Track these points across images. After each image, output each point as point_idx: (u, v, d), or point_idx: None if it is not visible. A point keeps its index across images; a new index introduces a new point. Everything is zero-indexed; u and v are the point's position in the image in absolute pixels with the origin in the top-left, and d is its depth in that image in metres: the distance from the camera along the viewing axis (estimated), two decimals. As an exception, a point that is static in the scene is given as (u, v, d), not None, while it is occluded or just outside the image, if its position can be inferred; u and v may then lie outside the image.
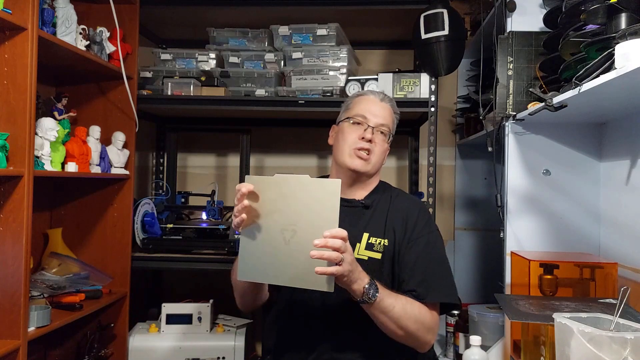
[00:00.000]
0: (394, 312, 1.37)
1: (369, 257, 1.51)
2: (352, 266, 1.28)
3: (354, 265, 1.30)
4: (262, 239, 1.31)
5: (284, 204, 1.30)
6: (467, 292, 2.77)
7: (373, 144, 1.56)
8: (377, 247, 1.52)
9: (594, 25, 1.37)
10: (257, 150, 2.88)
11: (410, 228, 1.53)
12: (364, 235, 1.54)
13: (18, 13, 1.51)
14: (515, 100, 1.83)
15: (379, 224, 1.55)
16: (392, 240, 1.52)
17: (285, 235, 1.29)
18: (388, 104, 1.64)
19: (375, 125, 1.57)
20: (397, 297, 1.40)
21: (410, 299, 1.43)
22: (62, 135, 1.83)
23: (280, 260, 1.29)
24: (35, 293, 1.85)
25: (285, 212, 1.29)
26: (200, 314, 2.26)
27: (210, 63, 2.45)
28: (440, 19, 2.12)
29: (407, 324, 1.39)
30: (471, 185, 2.89)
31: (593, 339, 1.05)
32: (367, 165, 1.56)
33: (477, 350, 1.79)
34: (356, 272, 1.31)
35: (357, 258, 1.47)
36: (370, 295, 1.32)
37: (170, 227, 2.39)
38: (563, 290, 1.64)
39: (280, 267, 1.30)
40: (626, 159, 1.68)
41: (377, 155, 1.58)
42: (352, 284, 1.31)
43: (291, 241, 1.28)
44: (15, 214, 1.54)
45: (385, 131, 1.59)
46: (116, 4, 2.02)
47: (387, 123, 1.60)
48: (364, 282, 1.32)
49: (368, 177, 1.61)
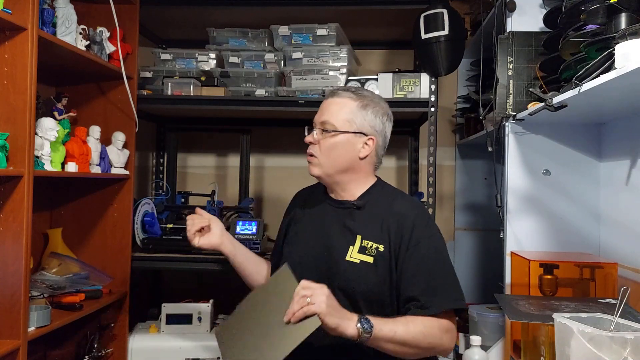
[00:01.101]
0: (398, 337, 1.32)
1: (361, 260, 1.46)
2: (332, 304, 1.27)
3: (334, 305, 1.28)
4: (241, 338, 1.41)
5: (253, 314, 1.41)
6: (467, 292, 2.74)
7: (315, 146, 1.52)
8: (369, 251, 1.46)
9: (594, 25, 1.37)
10: (257, 150, 2.88)
11: (408, 234, 1.45)
12: (357, 238, 1.49)
13: (18, 13, 1.51)
14: (515, 100, 1.83)
15: (374, 228, 1.49)
16: (387, 246, 1.46)
17: (261, 326, 1.36)
18: (337, 97, 1.54)
19: (316, 124, 1.53)
20: (396, 320, 1.35)
21: (411, 317, 1.37)
22: (62, 135, 1.83)
23: (260, 344, 1.33)
24: (35, 293, 1.85)
25: (256, 317, 1.39)
26: (200, 314, 2.26)
27: (210, 63, 2.45)
28: (440, 19, 2.12)
29: (416, 343, 1.34)
30: (471, 185, 2.89)
31: (593, 339, 1.05)
32: (314, 168, 1.53)
33: (477, 350, 1.80)
34: (340, 310, 1.29)
35: (349, 261, 1.47)
36: (364, 329, 1.28)
37: (170, 227, 2.39)
38: (563, 290, 1.64)
39: (263, 349, 1.32)
40: (626, 159, 1.69)
41: (325, 154, 1.51)
42: (341, 324, 1.27)
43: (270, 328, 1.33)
44: (15, 214, 1.54)
45: (327, 127, 1.50)
46: (116, 4, 2.02)
47: (328, 118, 1.51)
48: (354, 319, 1.29)
49: (338, 179, 1.54)
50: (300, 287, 1.28)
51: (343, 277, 1.46)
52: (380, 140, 1.56)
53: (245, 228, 2.27)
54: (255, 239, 2.21)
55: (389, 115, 1.59)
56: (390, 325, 1.32)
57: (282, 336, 1.27)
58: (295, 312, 1.24)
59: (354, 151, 1.52)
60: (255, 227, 2.26)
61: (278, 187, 2.91)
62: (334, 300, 1.29)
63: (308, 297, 1.25)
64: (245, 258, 1.72)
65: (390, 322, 1.33)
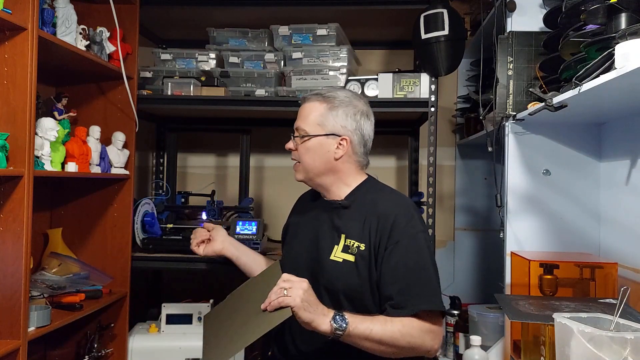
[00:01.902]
0: (374, 334, 1.32)
1: (344, 259, 1.47)
2: (308, 299, 1.29)
3: (310, 301, 1.30)
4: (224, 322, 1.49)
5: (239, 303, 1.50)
6: (467, 292, 2.77)
7: (296, 152, 1.57)
8: (352, 250, 1.47)
9: (594, 25, 1.37)
10: (257, 150, 2.88)
11: (387, 233, 1.44)
12: (342, 237, 1.50)
13: (18, 13, 1.51)
14: (515, 100, 1.83)
15: (357, 227, 1.49)
16: (367, 245, 1.46)
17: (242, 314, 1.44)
18: (306, 103, 1.58)
19: (294, 131, 1.58)
20: (374, 318, 1.35)
21: (388, 317, 1.37)
22: (62, 135, 1.83)
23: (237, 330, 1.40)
24: (35, 293, 1.85)
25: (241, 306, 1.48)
26: (200, 314, 2.26)
27: (210, 63, 2.45)
28: (440, 19, 2.12)
29: (393, 341, 1.34)
30: (471, 185, 2.89)
31: (593, 339, 1.05)
32: (297, 174, 1.59)
33: (477, 350, 1.80)
34: (316, 306, 1.31)
35: (333, 260, 1.48)
36: (338, 325, 1.29)
37: (170, 227, 2.39)
38: (563, 290, 1.64)
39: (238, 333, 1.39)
40: (626, 159, 1.68)
41: (304, 159, 1.55)
42: (316, 319, 1.29)
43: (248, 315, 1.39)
44: (15, 214, 1.54)
45: (300, 132, 1.55)
46: (116, 4, 2.02)
47: (299, 124, 1.56)
48: (329, 315, 1.31)
49: (321, 181, 1.57)
50: (282, 280, 1.32)
51: (327, 276, 1.48)
52: (356, 139, 1.54)
53: (245, 228, 2.27)
54: (255, 238, 2.21)
55: (364, 112, 1.57)
56: (367, 323, 1.33)
57: (255, 323, 1.33)
58: (272, 302, 1.29)
59: (328, 153, 1.53)
60: (255, 227, 2.26)
61: (278, 187, 2.91)
62: (311, 296, 1.31)
63: (285, 290, 1.29)
64: (250, 259, 1.78)
65: (367, 320, 1.34)
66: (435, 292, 1.42)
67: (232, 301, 1.56)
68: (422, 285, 1.41)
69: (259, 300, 1.34)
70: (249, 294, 1.51)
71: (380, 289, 1.44)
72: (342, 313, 1.32)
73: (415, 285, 1.40)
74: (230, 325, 1.45)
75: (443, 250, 2.84)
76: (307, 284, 1.32)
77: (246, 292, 1.53)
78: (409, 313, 1.37)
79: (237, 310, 1.49)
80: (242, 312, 1.45)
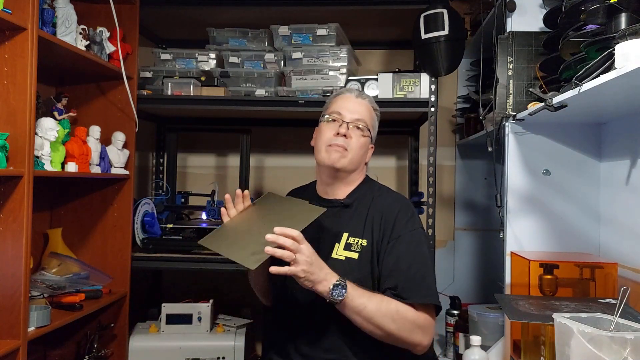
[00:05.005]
0: (367, 312, 1.36)
1: (346, 257, 1.50)
2: (312, 267, 1.31)
3: (315, 267, 1.32)
4: (241, 223, 1.49)
5: (276, 209, 1.51)
6: (467, 292, 2.77)
7: (349, 139, 1.56)
8: (354, 247, 1.50)
9: (594, 25, 1.37)
10: (257, 150, 2.88)
11: (390, 227, 1.50)
12: (344, 235, 1.53)
13: (18, 13, 1.51)
14: (515, 100, 1.83)
15: (359, 224, 1.53)
16: (370, 240, 1.50)
17: (258, 223, 1.45)
18: (365, 100, 1.64)
19: (351, 120, 1.57)
20: (372, 296, 1.39)
21: (387, 298, 1.41)
22: (62, 135, 1.83)
23: (240, 239, 1.42)
24: (35, 293, 1.85)
25: (272, 212, 1.49)
26: (200, 314, 2.26)
27: (210, 63, 2.45)
28: (440, 19, 2.12)
29: (382, 323, 1.37)
30: (471, 185, 2.89)
31: (593, 339, 1.05)
32: (343, 159, 1.55)
33: (477, 350, 1.79)
34: (319, 273, 1.32)
35: (335, 258, 1.49)
36: (335, 295, 1.33)
37: (170, 227, 2.39)
38: (563, 290, 1.64)
39: (235, 243, 1.41)
40: (626, 159, 1.68)
41: (355, 150, 1.56)
42: (316, 285, 1.32)
43: (259, 227, 1.40)
44: (15, 214, 1.54)
45: (361, 126, 1.58)
46: (116, 4, 2.02)
47: (363, 118, 1.59)
48: (329, 283, 1.33)
49: (348, 174, 1.59)
50: (290, 235, 1.30)
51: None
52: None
53: (245, 228, 2.27)
54: (255, 238, 2.21)
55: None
56: (364, 299, 1.37)
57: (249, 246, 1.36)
58: (277, 251, 1.29)
59: (366, 154, 1.63)
60: (255, 227, 2.26)
61: (278, 186, 2.90)
62: (311, 265, 1.32)
63: (295, 254, 1.30)
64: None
65: (365, 296, 1.38)
66: (432, 288, 1.47)
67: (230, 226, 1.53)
68: (421, 279, 1.45)
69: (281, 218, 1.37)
70: (252, 216, 1.52)
71: (380, 281, 1.48)
72: (344, 282, 1.35)
73: (415, 280, 1.44)
74: (236, 241, 1.44)
75: (443, 250, 2.84)
76: (310, 251, 1.33)
77: (247, 216, 1.53)
78: (408, 303, 1.41)
79: (240, 230, 1.48)
80: (247, 231, 1.45)
